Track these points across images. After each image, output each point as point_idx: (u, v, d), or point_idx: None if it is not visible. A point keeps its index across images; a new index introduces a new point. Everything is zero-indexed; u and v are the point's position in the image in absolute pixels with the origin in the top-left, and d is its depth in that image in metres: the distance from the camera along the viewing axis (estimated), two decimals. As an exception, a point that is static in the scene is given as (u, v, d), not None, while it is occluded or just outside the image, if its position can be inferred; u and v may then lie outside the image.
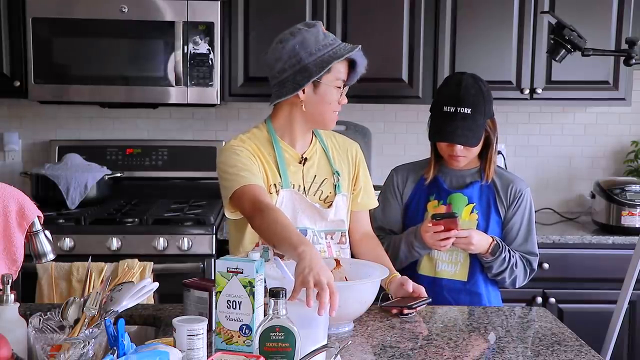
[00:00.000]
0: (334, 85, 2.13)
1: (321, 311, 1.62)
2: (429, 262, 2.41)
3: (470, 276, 2.39)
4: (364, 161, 2.36)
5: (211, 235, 3.14)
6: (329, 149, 2.28)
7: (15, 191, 1.76)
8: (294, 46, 2.09)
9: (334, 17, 3.39)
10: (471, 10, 3.41)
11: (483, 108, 2.35)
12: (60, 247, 3.05)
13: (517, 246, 2.43)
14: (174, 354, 1.49)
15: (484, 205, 2.42)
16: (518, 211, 2.43)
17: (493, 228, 2.41)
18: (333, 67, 2.10)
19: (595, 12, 3.41)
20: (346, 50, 2.11)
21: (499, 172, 2.48)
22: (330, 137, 2.33)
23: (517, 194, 2.43)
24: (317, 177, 2.23)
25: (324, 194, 2.22)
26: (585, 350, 1.81)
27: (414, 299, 2.07)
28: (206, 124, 3.81)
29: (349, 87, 2.21)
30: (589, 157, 3.91)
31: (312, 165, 2.23)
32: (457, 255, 2.39)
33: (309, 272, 1.68)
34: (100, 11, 3.27)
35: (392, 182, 2.53)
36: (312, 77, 2.09)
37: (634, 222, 3.30)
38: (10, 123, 3.76)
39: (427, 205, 2.45)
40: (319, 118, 2.18)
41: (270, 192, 2.13)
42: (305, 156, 2.22)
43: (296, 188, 2.18)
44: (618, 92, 3.47)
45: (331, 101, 2.15)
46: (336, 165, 2.26)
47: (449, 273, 2.39)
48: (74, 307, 1.64)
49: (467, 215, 2.40)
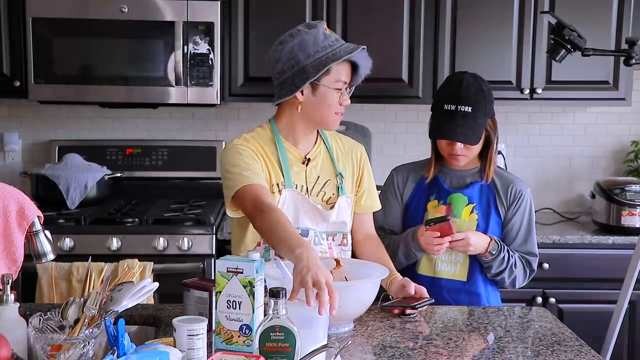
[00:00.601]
0: (334, 87, 2.12)
1: (321, 310, 1.62)
2: (428, 262, 2.41)
3: (469, 276, 2.39)
4: (369, 163, 2.36)
5: (211, 235, 3.14)
6: (333, 150, 2.27)
7: (15, 191, 1.76)
8: (292, 48, 2.09)
9: (334, 17, 3.39)
10: (471, 10, 3.41)
11: (483, 107, 2.35)
12: (60, 247, 3.05)
13: (517, 247, 2.43)
14: (174, 354, 1.49)
15: (484, 205, 2.42)
16: (518, 212, 2.43)
17: (493, 228, 2.41)
18: (332, 68, 2.10)
19: (595, 12, 3.41)
20: (346, 51, 2.09)
21: (499, 172, 2.48)
22: (335, 138, 2.32)
23: (517, 194, 2.43)
24: (320, 178, 2.22)
25: (327, 195, 2.22)
26: (585, 350, 1.81)
27: (416, 300, 2.07)
28: (206, 124, 3.81)
29: (354, 87, 2.20)
30: (589, 157, 3.91)
31: (315, 166, 2.23)
32: (456, 255, 2.39)
33: (307, 272, 1.68)
34: (100, 11, 3.27)
35: (393, 182, 2.53)
36: (309, 79, 2.08)
37: (634, 222, 3.30)
38: (10, 123, 3.76)
39: (427, 205, 2.45)
40: (319, 119, 2.18)
41: (272, 192, 2.13)
42: (308, 157, 2.22)
43: (299, 188, 2.18)
44: (618, 92, 3.46)
45: (331, 103, 2.14)
46: (340, 167, 2.26)
47: (448, 273, 2.39)
48: (74, 307, 1.64)
49: (467, 215, 2.41)
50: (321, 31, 2.12)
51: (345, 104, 2.17)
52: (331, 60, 2.08)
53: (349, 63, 2.14)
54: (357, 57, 2.13)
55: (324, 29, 2.13)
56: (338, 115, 2.17)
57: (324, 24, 2.15)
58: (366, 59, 2.15)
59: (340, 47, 2.10)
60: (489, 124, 2.39)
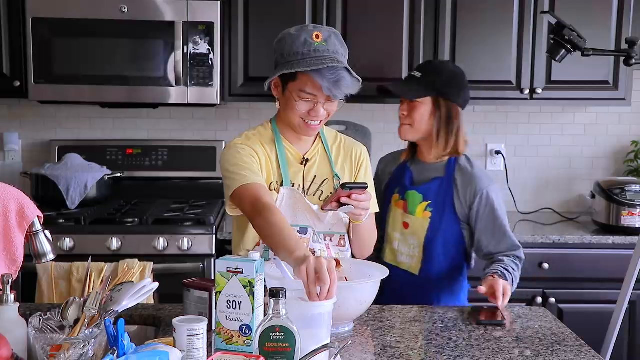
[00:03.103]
0: (298, 96, 2.10)
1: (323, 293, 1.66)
2: (391, 253, 2.51)
3: (422, 272, 2.44)
4: (369, 164, 2.34)
5: (211, 235, 3.14)
6: (331, 151, 2.27)
7: (15, 191, 1.76)
8: (275, 43, 2.15)
9: (334, 17, 3.38)
10: (471, 10, 3.41)
11: (437, 80, 2.43)
12: (60, 247, 3.05)
13: (495, 248, 2.42)
14: (174, 354, 1.49)
15: (440, 202, 2.44)
16: (480, 213, 2.42)
17: (447, 225, 2.43)
18: (299, 77, 2.08)
19: (595, 12, 3.41)
20: (309, 64, 2.03)
21: (464, 168, 2.47)
22: (336, 138, 2.32)
23: (476, 194, 2.42)
24: (317, 178, 2.23)
25: (324, 195, 2.22)
26: (585, 350, 1.81)
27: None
28: (206, 124, 3.81)
29: (336, 101, 2.12)
30: (589, 157, 3.91)
31: (312, 166, 2.23)
32: (414, 249, 2.45)
33: (308, 265, 1.70)
34: (100, 11, 3.27)
35: (377, 172, 2.64)
36: (271, 76, 2.14)
37: (634, 222, 3.30)
38: (10, 123, 3.75)
39: (392, 197, 2.54)
40: (289, 122, 2.18)
41: (270, 190, 2.15)
42: (306, 157, 2.23)
43: (296, 187, 2.19)
44: (618, 92, 3.46)
45: (296, 109, 2.12)
46: (337, 168, 2.26)
47: (405, 264, 2.47)
48: (74, 307, 1.64)
49: (420, 212, 2.45)
50: (305, 37, 2.08)
51: (314, 116, 2.12)
52: (287, 68, 2.07)
53: (320, 78, 2.05)
54: (322, 75, 2.04)
55: (313, 36, 2.08)
56: (308, 124, 2.14)
57: (315, 32, 2.09)
58: (338, 79, 2.05)
59: (311, 60, 2.05)
60: (450, 108, 2.44)
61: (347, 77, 2.07)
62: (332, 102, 2.12)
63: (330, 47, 2.09)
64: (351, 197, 2.08)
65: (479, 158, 3.81)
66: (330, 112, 2.16)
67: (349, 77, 2.07)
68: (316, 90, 2.08)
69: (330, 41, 2.09)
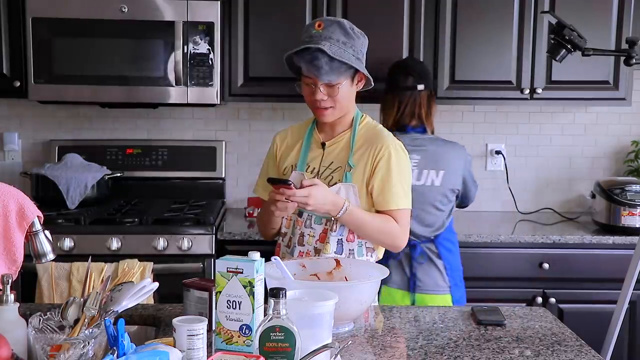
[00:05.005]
0: (303, 81, 2.25)
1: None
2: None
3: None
4: (390, 161, 2.27)
5: (211, 235, 3.14)
6: (355, 142, 2.31)
7: (15, 191, 1.76)
8: None
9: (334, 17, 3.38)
10: (471, 10, 3.41)
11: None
12: (60, 247, 3.05)
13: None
14: (174, 354, 1.49)
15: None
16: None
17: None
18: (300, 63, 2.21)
19: (595, 12, 3.41)
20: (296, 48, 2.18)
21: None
22: (368, 130, 2.34)
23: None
24: (333, 164, 2.32)
25: (333, 180, 2.29)
26: (585, 350, 1.81)
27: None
28: (206, 124, 3.81)
29: (335, 86, 2.20)
30: (589, 157, 3.91)
31: (331, 152, 2.33)
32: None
33: None
34: (100, 11, 3.27)
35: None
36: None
37: (634, 222, 3.30)
38: (10, 123, 3.75)
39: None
40: (310, 107, 2.32)
41: (284, 174, 2.35)
42: (325, 142, 2.34)
43: (310, 170, 2.32)
44: (618, 92, 3.46)
45: (305, 94, 2.28)
46: (354, 158, 2.29)
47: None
48: (74, 307, 1.64)
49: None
50: (309, 27, 2.22)
51: (314, 100, 2.23)
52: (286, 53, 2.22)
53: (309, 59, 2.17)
54: (301, 56, 2.18)
55: (315, 25, 2.20)
56: (318, 108, 2.26)
57: (318, 22, 2.20)
58: (312, 59, 2.14)
59: (300, 45, 2.18)
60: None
61: (321, 58, 2.14)
62: (332, 87, 2.21)
63: (325, 32, 2.17)
64: (279, 191, 2.13)
65: (479, 158, 3.81)
66: (334, 97, 2.22)
67: (325, 58, 2.14)
68: (310, 74, 2.20)
69: (329, 28, 2.17)
